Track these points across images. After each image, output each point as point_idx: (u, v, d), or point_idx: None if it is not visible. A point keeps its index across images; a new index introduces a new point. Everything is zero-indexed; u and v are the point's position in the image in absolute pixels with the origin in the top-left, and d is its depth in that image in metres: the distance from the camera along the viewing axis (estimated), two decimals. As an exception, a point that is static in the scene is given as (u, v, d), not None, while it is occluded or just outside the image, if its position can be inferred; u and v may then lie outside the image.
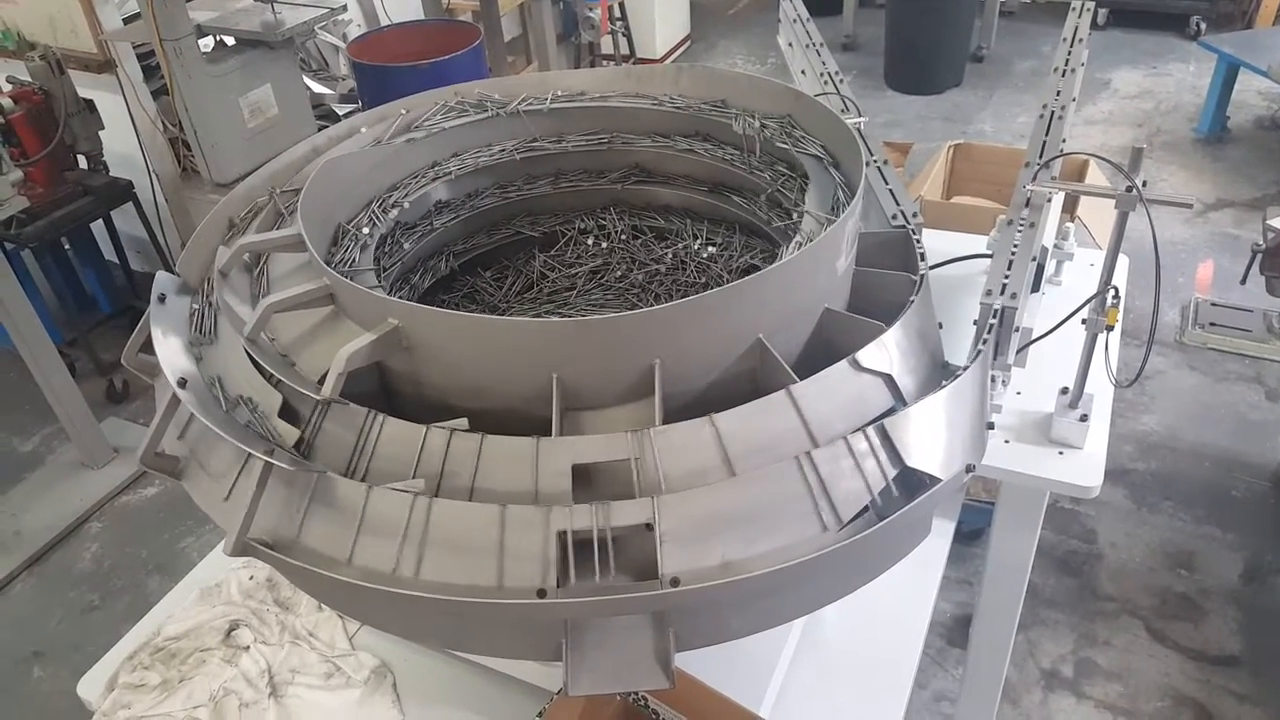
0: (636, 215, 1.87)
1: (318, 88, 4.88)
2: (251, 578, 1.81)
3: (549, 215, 1.87)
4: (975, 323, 1.50)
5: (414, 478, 1.11)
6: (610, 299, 1.79)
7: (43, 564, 3.63)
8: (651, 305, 1.73)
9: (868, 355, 1.18)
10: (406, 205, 1.64)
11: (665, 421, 1.10)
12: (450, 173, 1.71)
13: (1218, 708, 2.85)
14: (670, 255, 1.80)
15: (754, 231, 1.76)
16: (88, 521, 3.78)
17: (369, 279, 1.45)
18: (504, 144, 1.77)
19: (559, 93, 1.79)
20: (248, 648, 1.68)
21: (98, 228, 4.41)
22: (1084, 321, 1.66)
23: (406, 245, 1.65)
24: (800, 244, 1.35)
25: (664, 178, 1.83)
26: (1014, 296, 1.50)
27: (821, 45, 2.27)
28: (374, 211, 1.60)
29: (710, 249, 1.77)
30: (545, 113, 1.77)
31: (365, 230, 1.54)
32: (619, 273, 1.81)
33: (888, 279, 1.39)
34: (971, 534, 3.27)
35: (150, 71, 4.04)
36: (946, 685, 2.96)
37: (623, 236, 1.85)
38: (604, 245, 1.84)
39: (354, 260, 1.49)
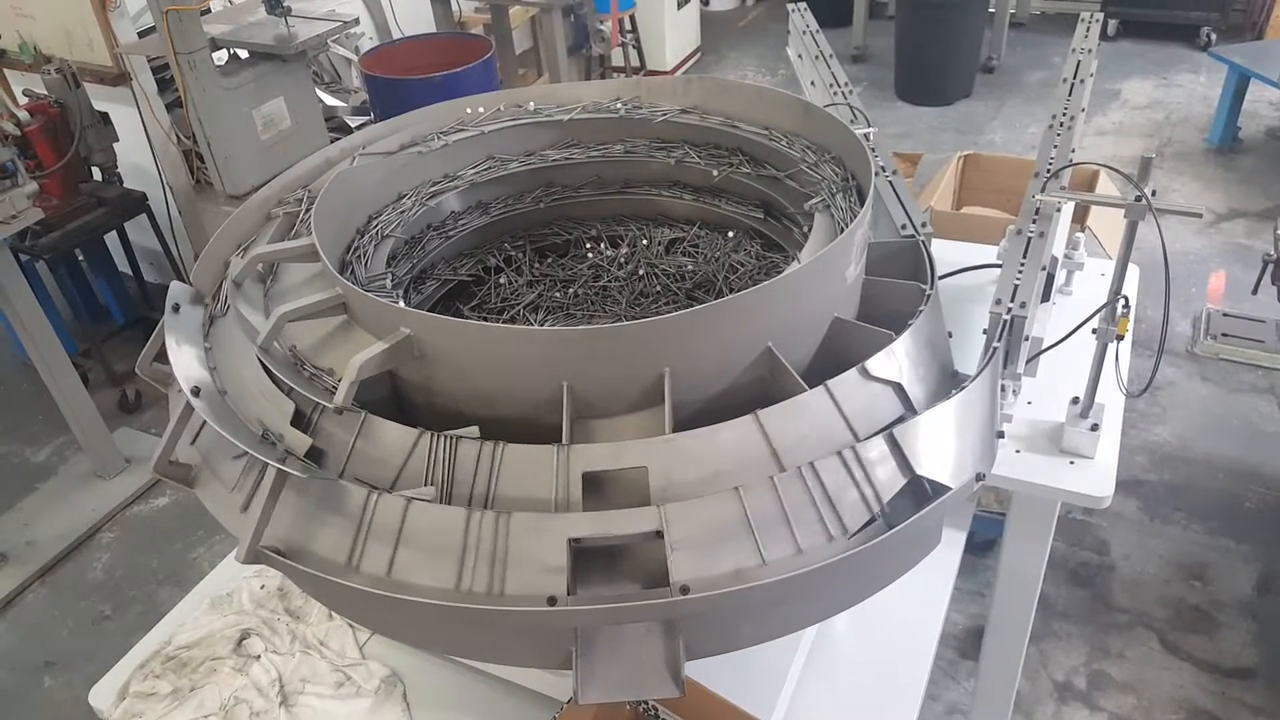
0: (538, 237, 1.85)
1: (330, 100, 4.91)
2: (262, 587, 1.81)
3: (464, 257, 1.80)
4: (985, 332, 1.50)
5: (425, 485, 1.11)
6: (567, 319, 1.75)
7: (55, 574, 3.64)
8: (605, 313, 1.71)
9: (877, 364, 1.19)
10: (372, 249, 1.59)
11: (675, 429, 1.11)
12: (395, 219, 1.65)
13: (1233, 721, 2.83)
14: (586, 266, 1.80)
15: (655, 219, 1.81)
16: (99, 531, 3.79)
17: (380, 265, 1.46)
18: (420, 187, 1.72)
19: (473, 110, 1.77)
20: (258, 657, 1.69)
21: (111, 239, 4.45)
22: (1094, 331, 1.65)
23: None
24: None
25: (573, 189, 1.84)
26: (1024, 306, 1.50)
27: (831, 57, 2.28)
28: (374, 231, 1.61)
29: (625, 249, 1.79)
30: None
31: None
32: (555, 294, 1.76)
33: (897, 288, 1.39)
34: (984, 545, 3.25)
35: (164, 84, 4.08)
36: (959, 697, 2.94)
37: (534, 265, 1.81)
38: (518, 279, 1.79)
39: (376, 244, 1.50)
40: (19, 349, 3.70)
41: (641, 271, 1.75)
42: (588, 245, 1.83)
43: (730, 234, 1.77)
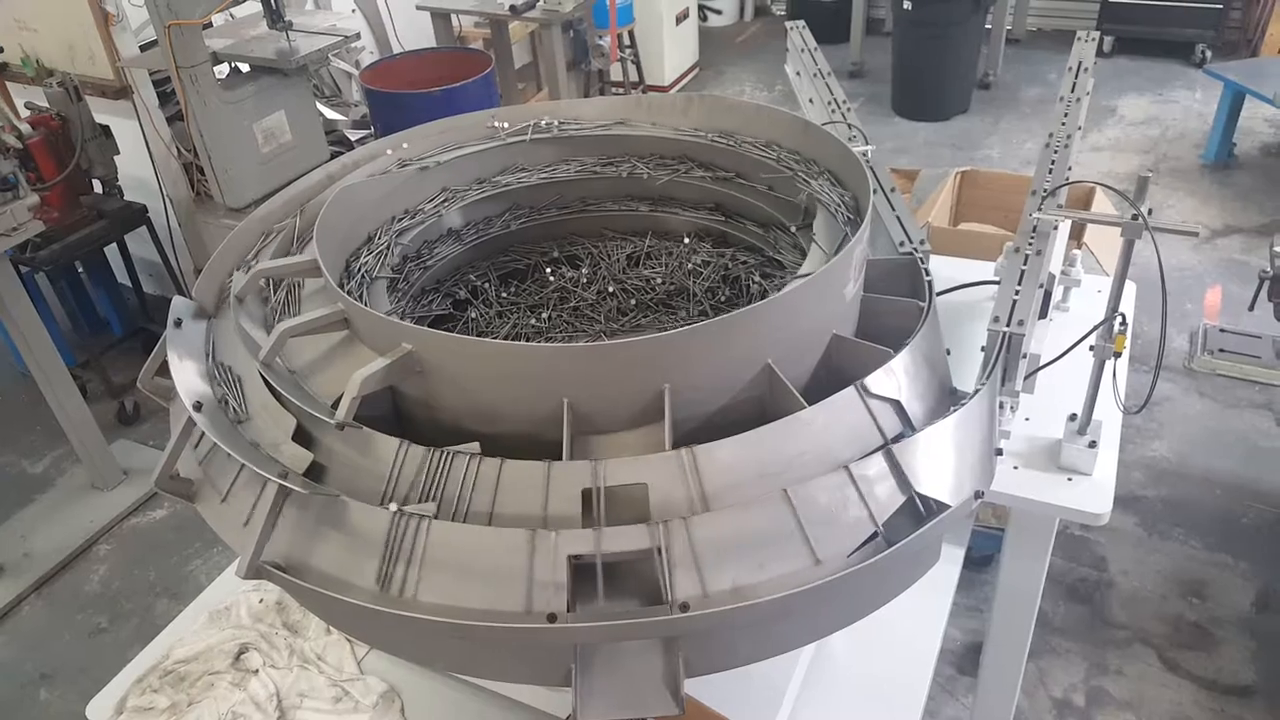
0: (499, 264, 1.83)
1: (331, 114, 4.93)
2: (261, 601, 1.81)
3: (430, 293, 1.75)
4: (983, 349, 1.51)
5: (425, 501, 1.12)
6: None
7: (51, 586, 3.63)
8: (583, 332, 1.70)
9: (876, 381, 1.19)
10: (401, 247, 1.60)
11: (675, 446, 1.11)
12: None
13: (1231, 738, 2.82)
14: (551, 289, 1.77)
15: (604, 236, 1.84)
16: (97, 544, 3.78)
17: (383, 303, 1.46)
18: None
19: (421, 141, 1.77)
20: (256, 671, 1.69)
21: (111, 251, 4.45)
22: (1092, 348, 1.66)
23: None
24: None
25: (538, 210, 1.84)
26: (1021, 323, 1.51)
27: (830, 75, 2.29)
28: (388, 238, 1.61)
29: (584, 270, 1.79)
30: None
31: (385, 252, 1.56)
32: (531, 321, 1.71)
33: (896, 305, 1.40)
34: (981, 560, 3.25)
35: (166, 97, 4.09)
36: (957, 714, 2.93)
37: (500, 294, 1.77)
38: (487, 311, 1.73)
39: (368, 285, 1.51)
40: (18, 360, 3.69)
41: (611, 289, 1.73)
42: (548, 269, 1.80)
43: (685, 240, 1.78)
